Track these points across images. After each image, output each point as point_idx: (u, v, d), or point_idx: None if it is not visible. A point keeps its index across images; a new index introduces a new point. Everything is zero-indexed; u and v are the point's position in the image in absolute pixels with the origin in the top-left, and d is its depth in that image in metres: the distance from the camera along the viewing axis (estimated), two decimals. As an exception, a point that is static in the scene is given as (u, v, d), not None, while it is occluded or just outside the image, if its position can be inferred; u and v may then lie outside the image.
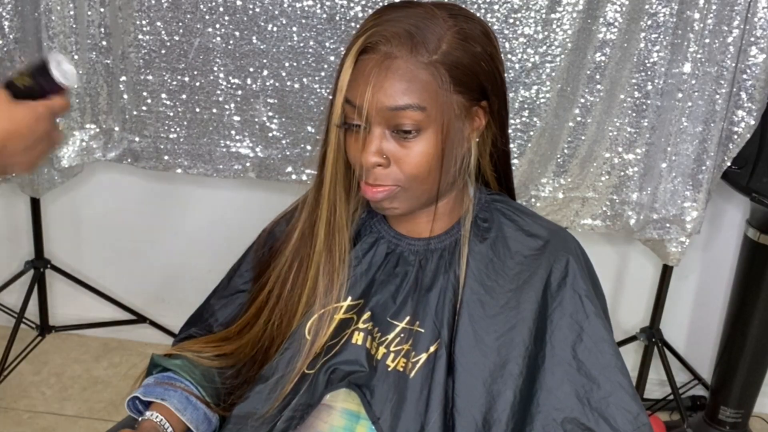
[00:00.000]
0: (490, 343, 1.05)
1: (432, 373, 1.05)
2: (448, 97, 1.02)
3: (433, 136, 1.02)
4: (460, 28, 1.03)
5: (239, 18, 2.03)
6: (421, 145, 1.02)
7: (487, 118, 1.08)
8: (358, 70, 1.02)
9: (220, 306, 1.23)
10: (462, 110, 1.04)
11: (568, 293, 1.08)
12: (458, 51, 1.02)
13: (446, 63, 1.01)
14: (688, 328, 2.49)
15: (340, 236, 1.11)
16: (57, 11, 2.01)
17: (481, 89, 1.06)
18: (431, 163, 1.03)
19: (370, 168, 1.03)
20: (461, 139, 1.06)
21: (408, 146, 1.02)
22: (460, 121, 1.05)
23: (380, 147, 1.03)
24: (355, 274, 1.12)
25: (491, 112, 1.08)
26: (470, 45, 1.03)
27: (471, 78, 1.04)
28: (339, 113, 1.04)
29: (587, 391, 1.04)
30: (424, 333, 1.07)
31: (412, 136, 1.02)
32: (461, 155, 1.07)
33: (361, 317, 1.10)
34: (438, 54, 1.01)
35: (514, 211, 1.14)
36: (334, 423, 1.08)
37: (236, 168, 2.13)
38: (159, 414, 1.09)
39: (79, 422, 2.27)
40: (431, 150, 1.03)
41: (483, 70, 1.05)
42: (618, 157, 2.09)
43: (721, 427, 2.28)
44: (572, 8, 1.96)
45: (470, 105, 1.05)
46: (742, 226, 2.19)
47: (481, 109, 1.07)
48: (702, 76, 1.95)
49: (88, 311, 2.59)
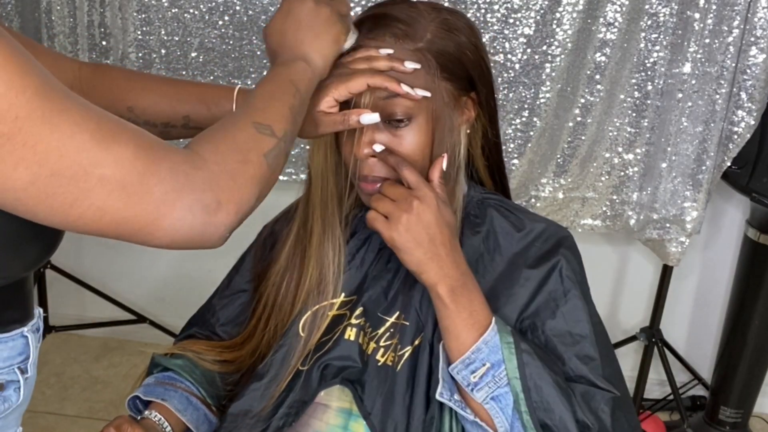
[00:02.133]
0: None
1: (416, 366, 1.05)
2: (436, 83, 1.03)
3: (424, 124, 1.03)
4: (444, 19, 1.05)
5: (239, 18, 2.03)
6: (413, 134, 1.03)
7: (476, 109, 1.09)
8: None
9: (221, 306, 1.23)
10: (451, 99, 1.05)
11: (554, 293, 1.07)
12: (443, 40, 1.04)
13: (432, 50, 1.03)
14: (688, 328, 2.49)
15: (333, 233, 1.11)
16: (57, 11, 2.02)
17: (469, 79, 1.07)
18: (424, 150, 1.04)
19: (365, 159, 1.03)
20: (451, 128, 1.06)
21: (400, 135, 1.03)
22: (450, 109, 1.05)
23: (373, 138, 1.03)
24: (349, 270, 1.13)
25: (479, 102, 1.09)
26: (454, 35, 1.05)
27: (457, 66, 1.05)
28: None
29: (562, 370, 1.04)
30: (408, 326, 1.08)
31: (404, 124, 1.03)
32: (451, 144, 1.07)
33: (354, 313, 1.11)
34: (423, 42, 1.03)
35: (508, 207, 1.14)
36: (330, 421, 1.08)
37: (236, 168, 2.13)
38: (158, 413, 1.10)
39: (79, 422, 2.27)
40: (423, 138, 1.03)
41: (468, 60, 1.06)
42: (618, 157, 2.09)
43: (721, 427, 2.28)
44: (572, 8, 1.96)
45: (458, 94, 1.06)
46: (742, 226, 2.19)
47: (470, 99, 1.08)
48: (702, 76, 1.95)
49: (88, 311, 2.60)
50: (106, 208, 0.72)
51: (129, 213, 0.73)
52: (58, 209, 0.71)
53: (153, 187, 0.73)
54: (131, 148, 0.72)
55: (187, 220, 0.75)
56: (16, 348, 0.85)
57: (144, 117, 1.01)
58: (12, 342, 0.85)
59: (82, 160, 0.69)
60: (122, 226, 0.74)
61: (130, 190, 0.72)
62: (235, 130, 0.83)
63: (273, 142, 0.85)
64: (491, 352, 0.98)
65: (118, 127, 0.73)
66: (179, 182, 0.74)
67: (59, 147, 0.68)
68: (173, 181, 0.74)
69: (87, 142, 0.70)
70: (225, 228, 0.79)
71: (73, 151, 0.69)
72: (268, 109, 0.88)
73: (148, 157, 0.73)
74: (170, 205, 0.74)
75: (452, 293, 1.00)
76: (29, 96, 0.67)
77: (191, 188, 0.75)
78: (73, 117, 0.69)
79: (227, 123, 0.85)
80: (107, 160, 0.70)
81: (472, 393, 0.99)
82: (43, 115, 0.68)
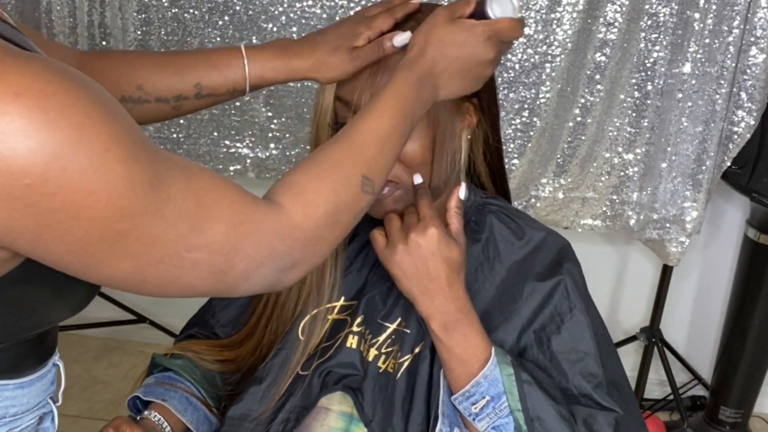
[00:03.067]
0: None
1: (416, 374, 1.05)
2: None
3: (424, 130, 1.03)
4: None
5: (239, 18, 2.03)
6: (413, 139, 1.02)
7: (477, 115, 1.08)
8: None
9: (221, 307, 1.23)
10: (452, 104, 1.04)
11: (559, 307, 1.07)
12: None
13: None
14: (688, 328, 2.49)
15: None
16: (57, 11, 2.02)
17: None
18: (425, 156, 1.03)
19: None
20: (452, 134, 1.06)
21: None
22: (451, 116, 1.05)
23: None
24: (349, 274, 1.12)
25: (481, 109, 1.09)
26: None
27: None
28: (330, 113, 1.04)
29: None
30: (409, 334, 1.07)
31: None
32: (452, 150, 1.07)
33: (355, 320, 1.10)
34: None
35: (508, 213, 1.13)
36: (331, 425, 1.07)
37: (236, 168, 2.14)
38: (158, 414, 1.09)
39: (79, 422, 2.27)
40: (423, 143, 1.03)
41: None
42: (618, 157, 2.09)
43: (721, 427, 2.28)
44: (572, 8, 1.96)
45: (460, 100, 1.05)
46: (742, 226, 2.19)
47: (471, 105, 1.07)
48: (702, 76, 1.95)
49: (88, 311, 2.58)
50: (195, 285, 0.74)
51: (212, 289, 0.76)
52: (150, 290, 0.72)
53: (237, 264, 0.74)
54: (223, 229, 0.72)
55: (260, 284, 0.78)
56: (49, 379, 0.85)
57: (155, 93, 0.99)
58: (49, 374, 0.84)
59: (179, 246, 0.70)
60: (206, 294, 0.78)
61: (217, 269, 0.73)
62: (342, 185, 0.81)
63: (368, 200, 0.83)
64: (491, 385, 0.98)
65: (214, 199, 0.72)
66: (263, 256, 0.76)
67: (162, 236, 0.68)
68: (257, 256, 0.75)
69: (186, 230, 0.69)
70: (292, 282, 0.82)
71: (173, 239, 0.69)
72: (380, 158, 0.84)
73: (238, 236, 0.73)
74: (246, 277, 0.76)
75: (445, 329, 0.99)
76: (146, 190, 0.65)
77: (272, 260, 0.77)
78: (176, 202, 0.68)
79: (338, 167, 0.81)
80: (200, 244, 0.71)
81: (474, 422, 0.99)
82: (156, 210, 0.67)
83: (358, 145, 0.83)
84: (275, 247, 0.76)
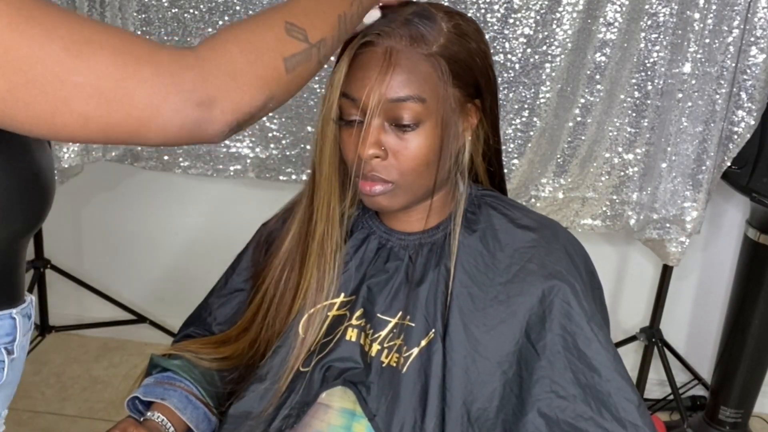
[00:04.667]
0: (479, 336, 1.05)
1: (426, 367, 1.05)
2: (446, 90, 1.03)
3: (431, 130, 1.03)
4: (457, 24, 1.05)
5: (239, 18, 2.03)
6: (420, 139, 1.03)
7: (479, 116, 1.09)
8: (357, 65, 1.03)
9: (218, 305, 1.23)
10: (457, 105, 1.05)
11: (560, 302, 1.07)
12: (456, 45, 1.03)
13: (445, 56, 1.02)
14: (688, 328, 2.49)
15: (332, 233, 1.11)
16: (57, 11, 2.02)
17: (476, 86, 1.07)
18: (429, 156, 1.04)
19: (369, 159, 1.03)
20: (456, 134, 1.07)
21: (406, 139, 1.03)
22: (456, 116, 1.05)
23: (378, 139, 1.03)
24: (348, 270, 1.12)
25: (483, 109, 1.09)
26: (466, 41, 1.05)
27: (467, 73, 1.05)
28: (335, 108, 1.04)
29: (588, 379, 1.03)
30: (414, 327, 1.07)
31: (410, 129, 1.02)
32: (456, 150, 1.07)
33: (354, 314, 1.10)
34: (437, 47, 1.02)
35: (504, 204, 1.14)
36: (331, 422, 1.08)
37: (236, 168, 2.14)
38: (161, 414, 1.09)
39: (79, 422, 2.27)
40: (429, 143, 1.03)
41: (478, 66, 1.06)
42: (618, 157, 2.09)
43: (721, 427, 2.28)
44: (572, 8, 1.96)
45: (465, 101, 1.06)
46: (742, 226, 2.19)
47: (474, 106, 1.08)
48: (702, 76, 1.95)
49: (88, 311, 2.60)
50: (88, 116, 0.71)
51: (113, 119, 0.72)
52: (41, 118, 0.70)
53: (133, 92, 0.72)
54: (106, 54, 0.71)
55: (176, 120, 0.74)
56: (3, 328, 0.85)
57: None
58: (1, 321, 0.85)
59: (55, 67, 0.69)
60: (110, 132, 0.74)
61: (109, 96, 0.71)
62: (261, 28, 0.80)
63: (300, 47, 0.82)
64: None
65: (95, 32, 0.71)
66: (164, 83, 0.73)
67: (30, 55, 0.68)
68: (157, 83, 0.73)
69: (58, 50, 0.69)
70: (222, 125, 0.78)
71: (44, 59, 0.68)
72: (311, 12, 0.84)
73: (126, 62, 0.72)
74: (155, 108, 0.73)
75: None
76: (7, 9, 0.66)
77: (177, 89, 0.74)
78: (44, 24, 0.68)
79: (257, 17, 0.81)
80: (80, 67, 0.70)
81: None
82: (11, 23, 0.67)
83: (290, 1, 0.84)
84: (178, 74, 0.74)
